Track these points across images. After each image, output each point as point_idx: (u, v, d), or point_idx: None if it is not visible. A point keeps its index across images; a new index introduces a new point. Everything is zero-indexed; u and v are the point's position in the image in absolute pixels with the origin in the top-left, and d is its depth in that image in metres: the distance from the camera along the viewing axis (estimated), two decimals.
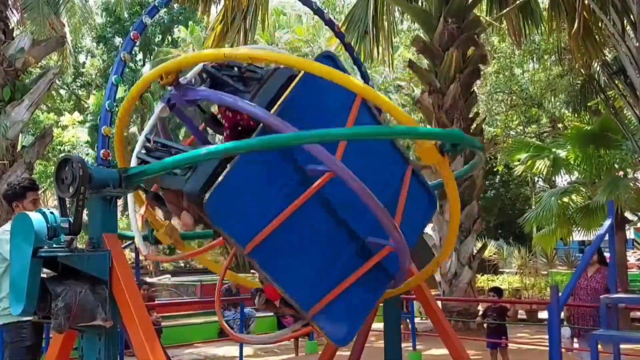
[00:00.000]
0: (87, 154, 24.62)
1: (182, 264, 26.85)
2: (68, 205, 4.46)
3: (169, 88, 4.67)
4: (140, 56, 31.42)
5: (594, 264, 8.09)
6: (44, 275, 4.23)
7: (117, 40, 31.48)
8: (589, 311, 7.91)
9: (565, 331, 8.08)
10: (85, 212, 4.35)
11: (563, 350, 6.24)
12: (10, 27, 10.10)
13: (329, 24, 6.02)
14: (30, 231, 4.02)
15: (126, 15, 30.25)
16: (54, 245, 4.11)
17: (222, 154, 4.03)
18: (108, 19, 30.22)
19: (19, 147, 9.60)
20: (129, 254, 9.06)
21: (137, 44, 4.91)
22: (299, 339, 11.17)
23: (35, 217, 4.08)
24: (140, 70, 28.64)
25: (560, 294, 4.33)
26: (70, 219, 4.27)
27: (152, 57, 27.97)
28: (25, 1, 13.60)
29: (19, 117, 9.07)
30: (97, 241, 4.34)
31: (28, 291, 3.98)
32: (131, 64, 30.66)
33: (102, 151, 4.46)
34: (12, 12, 10.39)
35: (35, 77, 9.96)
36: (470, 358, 5.61)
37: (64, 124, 22.56)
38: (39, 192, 6.75)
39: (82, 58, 31.07)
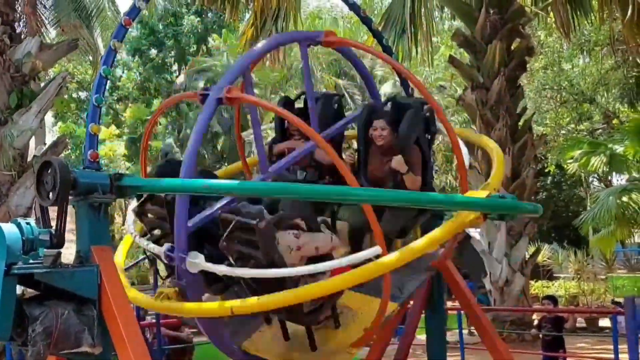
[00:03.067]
0: (128, 168, 24.63)
1: None
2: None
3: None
4: (175, 67, 31.48)
5: None
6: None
7: (153, 52, 31.64)
8: None
9: None
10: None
11: None
12: (18, 31, 9.79)
13: (365, 21, 6.00)
14: (1, 244, 3.48)
15: (160, 27, 30.38)
16: (31, 261, 3.58)
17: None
18: (143, 31, 30.37)
19: (29, 157, 9.27)
20: None
21: (129, 30, 4.36)
22: None
23: (7, 228, 3.53)
24: (175, 81, 28.62)
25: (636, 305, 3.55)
26: (52, 229, 3.74)
27: (187, 67, 27.90)
28: (57, 15, 13.53)
29: (27, 125, 8.74)
30: (85, 255, 3.79)
31: (1, 314, 3.44)
32: (166, 75, 30.82)
33: (89, 152, 3.92)
34: (23, 17, 10.09)
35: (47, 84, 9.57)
36: None
37: (101, 137, 22.59)
38: None
39: (118, 72, 31.31)
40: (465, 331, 11.81)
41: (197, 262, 4.08)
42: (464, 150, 5.38)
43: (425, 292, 5.59)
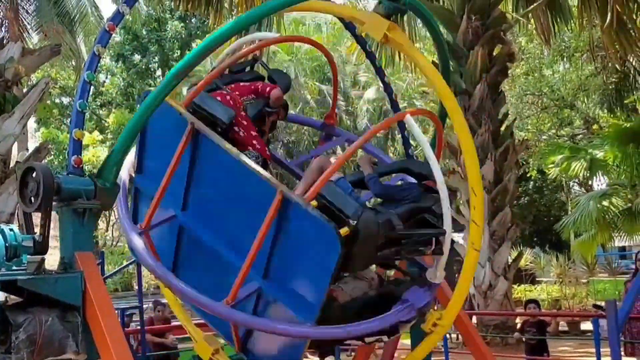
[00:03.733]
0: None
1: None
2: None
3: None
4: (159, 72, 31.29)
5: None
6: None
7: (136, 57, 31.42)
8: None
9: None
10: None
11: None
12: (0, 36, 9.71)
13: (349, 27, 5.98)
14: None
15: (144, 33, 30.18)
16: (14, 267, 3.56)
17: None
18: (126, 36, 30.19)
19: (11, 163, 9.18)
20: None
21: (113, 35, 4.35)
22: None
23: None
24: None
25: (618, 308, 3.60)
26: (35, 236, 3.71)
27: None
28: (40, 20, 13.42)
29: (9, 131, 8.66)
30: (69, 261, 3.77)
31: None
32: (150, 81, 30.62)
33: (73, 158, 3.89)
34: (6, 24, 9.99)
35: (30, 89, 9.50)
36: None
37: (84, 143, 22.41)
38: None
39: (102, 77, 31.07)
40: (454, 335, 11.86)
41: None
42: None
43: None
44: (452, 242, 4.51)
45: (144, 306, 8.99)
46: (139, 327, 8.62)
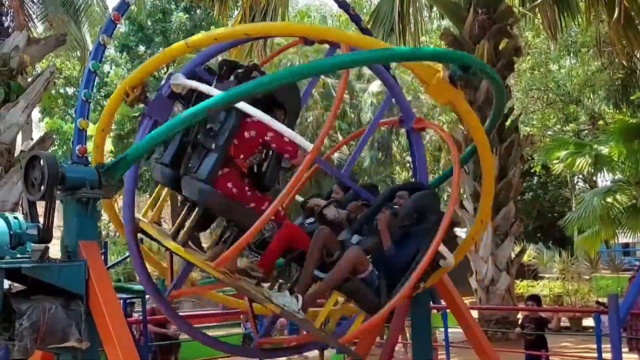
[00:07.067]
0: None
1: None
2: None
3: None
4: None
5: None
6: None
7: (141, 48, 31.35)
8: None
9: None
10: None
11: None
12: (5, 25, 9.69)
13: (354, 19, 5.97)
14: None
15: (149, 23, 30.11)
16: (19, 256, 3.57)
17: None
18: (131, 27, 30.14)
19: (16, 152, 9.17)
20: None
21: (118, 26, 4.35)
22: (324, 351, 10.49)
23: None
24: (163, 78, 28.34)
25: (620, 304, 3.59)
26: (39, 224, 3.73)
27: (175, 64, 27.71)
28: (45, 10, 13.38)
29: (14, 120, 8.65)
30: (73, 250, 3.79)
31: None
32: (154, 72, 30.56)
33: (77, 147, 3.92)
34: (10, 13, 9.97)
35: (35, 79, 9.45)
36: None
37: (88, 133, 22.39)
38: None
39: (106, 68, 31.03)
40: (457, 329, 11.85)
41: None
42: None
43: None
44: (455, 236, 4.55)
45: (146, 296, 9.02)
46: (141, 317, 8.64)
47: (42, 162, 3.65)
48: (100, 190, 3.84)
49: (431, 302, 5.96)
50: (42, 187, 3.63)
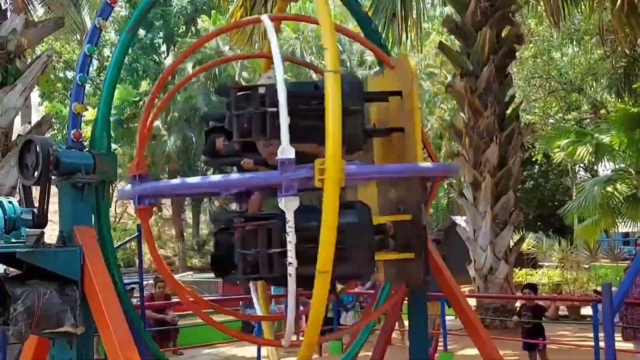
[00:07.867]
0: (114, 150, 24.32)
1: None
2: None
3: None
4: (163, 48, 31.12)
5: None
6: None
7: (141, 32, 31.14)
8: None
9: None
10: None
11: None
12: (3, 8, 9.61)
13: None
14: None
15: None
16: (13, 240, 3.56)
17: None
18: (131, 11, 29.94)
19: (14, 136, 9.15)
20: None
21: (114, 9, 4.31)
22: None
23: None
24: (163, 63, 28.28)
25: (613, 293, 3.59)
26: (34, 209, 3.71)
27: (175, 48, 27.60)
28: None
29: (11, 103, 8.60)
30: (68, 235, 3.77)
31: None
32: (154, 56, 30.43)
33: (73, 131, 3.89)
34: None
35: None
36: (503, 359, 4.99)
37: (87, 118, 22.25)
38: None
39: (106, 52, 30.91)
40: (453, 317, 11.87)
41: None
42: None
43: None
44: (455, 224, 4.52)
45: (145, 282, 9.02)
46: (138, 303, 8.65)
47: (36, 146, 3.63)
48: (96, 175, 3.82)
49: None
50: (37, 172, 3.61)
